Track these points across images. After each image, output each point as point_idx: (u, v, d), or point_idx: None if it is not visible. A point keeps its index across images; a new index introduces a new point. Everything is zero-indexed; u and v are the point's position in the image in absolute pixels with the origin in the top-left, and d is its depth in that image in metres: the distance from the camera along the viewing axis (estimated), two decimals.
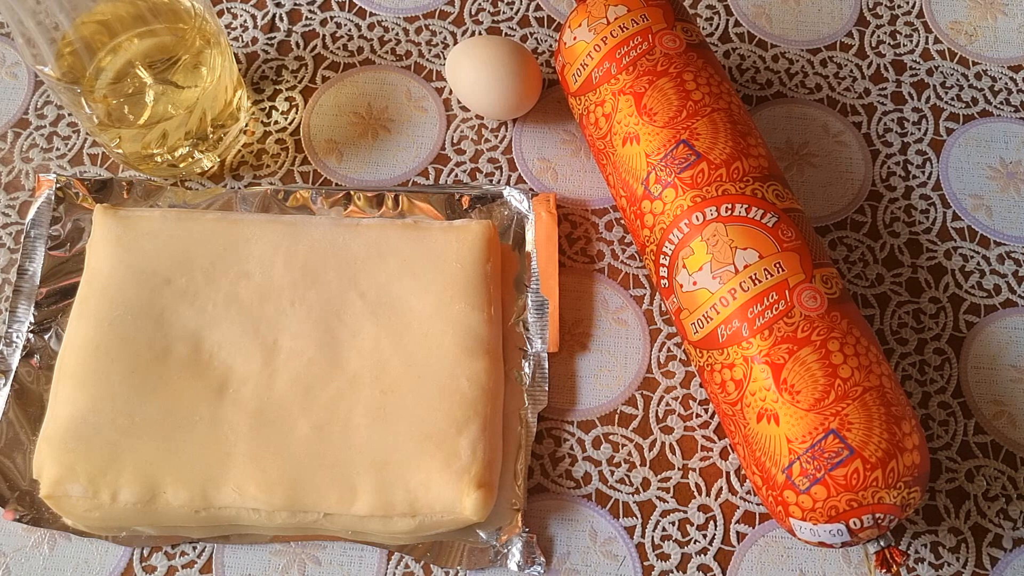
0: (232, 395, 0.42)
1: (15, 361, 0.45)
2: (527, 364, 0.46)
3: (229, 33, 0.55)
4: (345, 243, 0.46)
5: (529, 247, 0.49)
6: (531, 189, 0.51)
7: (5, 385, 0.44)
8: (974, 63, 0.56)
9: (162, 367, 0.42)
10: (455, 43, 0.55)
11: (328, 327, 0.44)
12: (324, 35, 0.56)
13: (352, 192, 0.50)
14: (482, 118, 0.53)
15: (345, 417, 0.42)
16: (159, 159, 0.49)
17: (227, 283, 0.45)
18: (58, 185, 0.48)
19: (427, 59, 0.55)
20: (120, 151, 0.49)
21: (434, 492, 0.41)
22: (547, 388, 0.46)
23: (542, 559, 0.43)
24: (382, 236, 0.46)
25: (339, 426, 0.42)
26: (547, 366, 0.46)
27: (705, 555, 0.44)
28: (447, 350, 0.44)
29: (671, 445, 0.46)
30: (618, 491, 0.45)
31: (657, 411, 0.47)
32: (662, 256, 0.44)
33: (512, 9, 0.57)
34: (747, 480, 0.45)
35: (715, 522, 0.45)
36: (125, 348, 0.42)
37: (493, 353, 0.44)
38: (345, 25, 0.56)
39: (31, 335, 0.45)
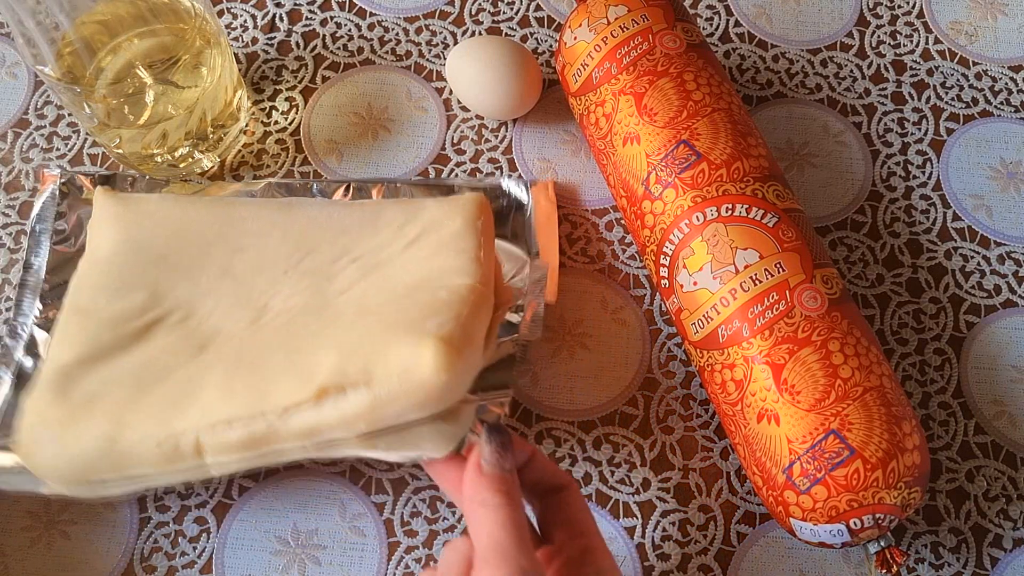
0: (214, 350, 0.41)
1: (19, 353, 0.45)
2: (520, 312, 0.44)
3: (229, 33, 0.55)
4: (340, 217, 0.45)
5: (530, 229, 0.49)
6: (522, 177, 0.51)
7: (8, 376, 0.44)
8: (974, 63, 0.56)
9: (149, 330, 0.42)
10: (455, 43, 0.55)
11: (319, 288, 0.43)
12: (324, 35, 0.55)
13: (352, 185, 0.49)
14: (482, 118, 0.53)
15: (316, 327, 0.41)
16: (159, 159, 0.49)
17: (222, 257, 0.44)
18: (62, 180, 0.49)
19: (427, 59, 0.55)
20: (120, 151, 0.49)
21: (393, 355, 0.37)
22: (540, 331, 0.43)
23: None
24: (377, 209, 0.46)
25: (309, 329, 0.40)
26: (543, 314, 0.44)
27: (706, 555, 0.44)
28: (431, 274, 0.42)
29: (671, 445, 0.46)
30: (618, 491, 0.45)
31: (657, 411, 0.47)
32: (662, 256, 0.44)
33: (512, 9, 0.57)
34: (747, 480, 0.45)
35: (715, 522, 0.45)
36: (115, 312, 0.42)
37: (481, 281, 0.42)
38: (345, 25, 0.56)
39: (35, 327, 0.45)
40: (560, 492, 0.36)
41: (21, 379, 0.44)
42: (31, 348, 0.45)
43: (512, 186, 0.50)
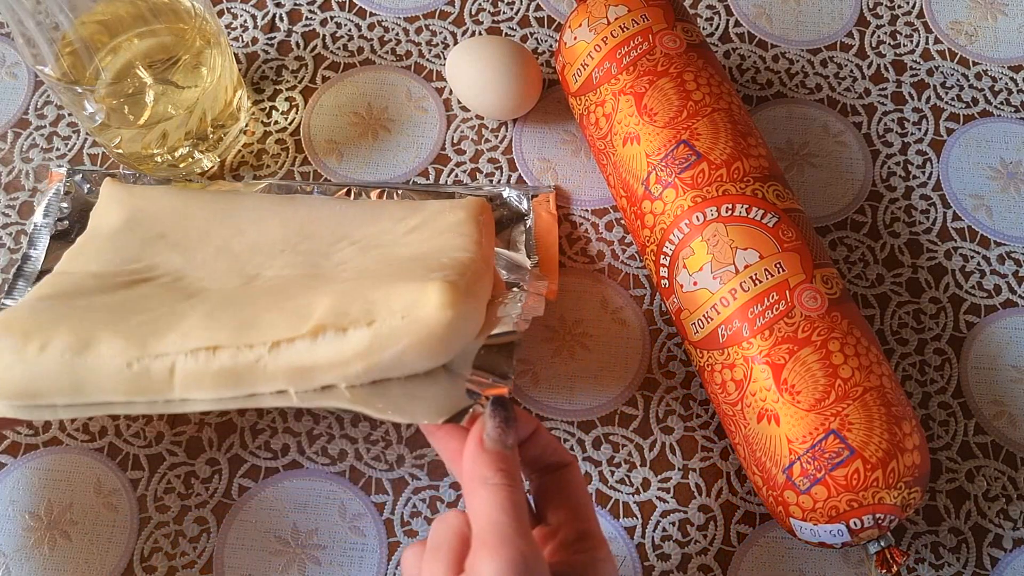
0: (198, 297, 0.40)
1: None
2: (517, 296, 0.42)
3: (229, 33, 0.55)
4: (342, 210, 0.45)
5: (529, 240, 0.49)
6: (524, 181, 0.51)
7: None
8: (974, 63, 0.56)
9: (136, 283, 0.41)
10: (455, 43, 0.55)
11: (315, 263, 0.42)
12: (324, 35, 0.55)
13: (353, 189, 0.50)
14: (482, 118, 0.53)
15: (312, 284, 0.39)
16: (159, 159, 0.49)
17: (220, 239, 0.44)
18: (67, 179, 0.49)
19: (427, 59, 0.55)
20: (120, 151, 0.49)
21: (395, 296, 0.36)
22: (543, 311, 0.42)
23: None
24: (378, 204, 0.46)
25: (304, 285, 0.39)
26: (543, 309, 0.42)
27: (706, 555, 0.44)
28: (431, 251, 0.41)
29: (671, 445, 0.46)
30: (618, 491, 0.45)
31: (657, 411, 0.47)
32: (662, 256, 0.44)
33: (512, 9, 0.57)
34: (747, 480, 0.45)
35: (715, 522, 0.45)
36: (104, 271, 0.41)
37: (482, 260, 0.41)
38: (345, 25, 0.56)
39: None
40: (560, 470, 0.35)
41: None
42: None
43: (513, 196, 0.50)
